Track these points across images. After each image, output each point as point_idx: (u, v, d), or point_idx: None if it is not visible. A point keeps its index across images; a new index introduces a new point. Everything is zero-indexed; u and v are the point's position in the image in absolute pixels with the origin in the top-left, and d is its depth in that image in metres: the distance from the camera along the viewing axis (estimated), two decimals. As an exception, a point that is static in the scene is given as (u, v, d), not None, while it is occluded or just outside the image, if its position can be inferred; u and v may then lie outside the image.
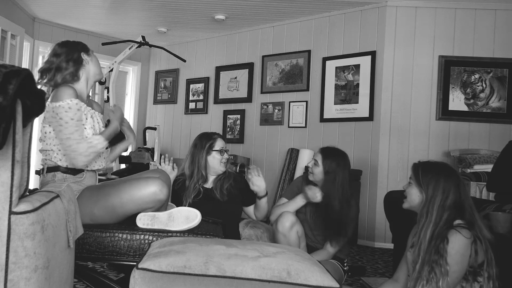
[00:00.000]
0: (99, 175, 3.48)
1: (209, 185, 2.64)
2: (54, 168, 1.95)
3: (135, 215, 1.92)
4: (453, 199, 1.73)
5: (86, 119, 2.00)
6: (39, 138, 2.02)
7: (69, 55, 2.05)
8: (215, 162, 2.59)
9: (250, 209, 2.73)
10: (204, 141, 2.63)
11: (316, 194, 2.49)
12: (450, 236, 1.67)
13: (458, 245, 1.65)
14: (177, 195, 2.56)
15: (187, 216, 1.92)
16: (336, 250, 2.51)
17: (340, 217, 2.45)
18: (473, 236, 1.67)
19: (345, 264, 2.61)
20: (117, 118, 2.15)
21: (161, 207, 1.98)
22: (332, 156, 2.53)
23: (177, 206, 2.04)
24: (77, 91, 2.00)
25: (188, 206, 2.32)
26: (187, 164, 2.63)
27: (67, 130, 1.89)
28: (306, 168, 2.70)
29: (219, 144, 2.61)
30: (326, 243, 2.51)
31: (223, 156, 2.60)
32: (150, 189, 1.86)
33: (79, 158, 1.90)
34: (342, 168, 2.50)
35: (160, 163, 2.63)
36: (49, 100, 1.94)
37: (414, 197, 1.83)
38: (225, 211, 2.53)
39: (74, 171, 1.97)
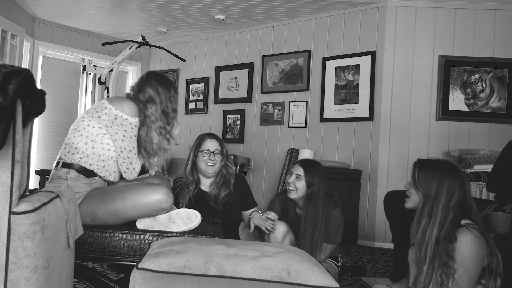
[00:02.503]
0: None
1: (206, 187, 2.60)
2: (69, 165, 1.92)
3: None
4: (457, 199, 1.69)
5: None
6: (75, 128, 1.98)
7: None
8: (201, 164, 2.54)
9: (247, 214, 2.65)
10: (195, 142, 2.60)
11: (271, 225, 2.38)
12: (459, 235, 1.62)
13: (471, 246, 1.60)
14: (175, 198, 2.54)
15: (187, 218, 1.92)
16: (327, 256, 2.51)
17: (326, 228, 2.44)
18: (482, 235, 1.63)
19: (339, 260, 2.63)
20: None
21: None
22: (312, 168, 2.50)
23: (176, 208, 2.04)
24: None
25: None
26: (188, 167, 2.61)
27: (131, 144, 1.98)
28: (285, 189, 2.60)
29: (206, 144, 2.55)
30: (317, 250, 2.46)
31: (208, 157, 2.52)
32: (155, 196, 1.84)
33: (133, 172, 2.04)
34: (323, 179, 2.47)
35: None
36: (110, 104, 1.95)
37: (417, 196, 1.80)
38: (223, 215, 2.50)
39: (88, 173, 1.94)
